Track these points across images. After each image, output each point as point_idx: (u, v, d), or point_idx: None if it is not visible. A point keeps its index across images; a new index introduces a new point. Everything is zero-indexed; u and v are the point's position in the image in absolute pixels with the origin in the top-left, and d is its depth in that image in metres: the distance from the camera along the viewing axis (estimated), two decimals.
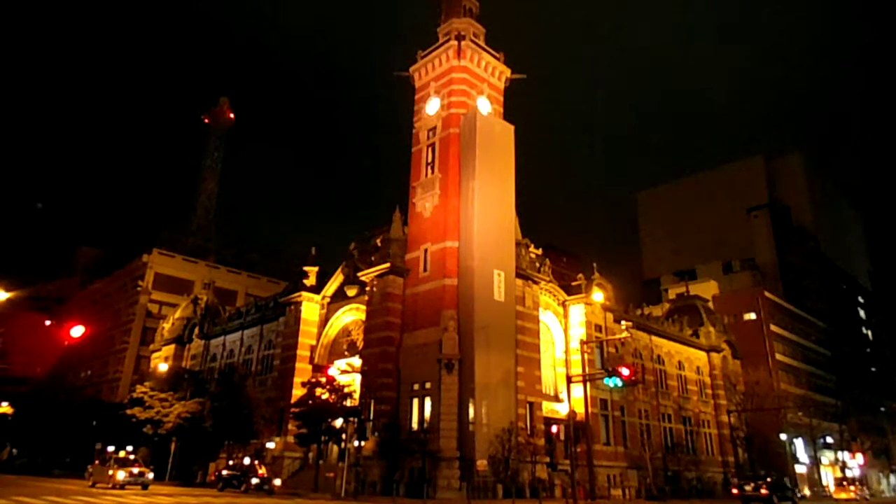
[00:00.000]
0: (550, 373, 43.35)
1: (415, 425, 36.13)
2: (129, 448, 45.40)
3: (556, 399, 42.14)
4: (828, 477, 70.54)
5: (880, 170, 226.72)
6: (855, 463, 72.15)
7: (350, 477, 32.14)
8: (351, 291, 43.72)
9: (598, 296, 43.37)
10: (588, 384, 34.96)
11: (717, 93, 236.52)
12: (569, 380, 34.48)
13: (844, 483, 58.63)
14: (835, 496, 55.07)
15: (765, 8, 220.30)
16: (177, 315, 66.15)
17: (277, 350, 49.28)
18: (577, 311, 45.14)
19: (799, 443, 63.06)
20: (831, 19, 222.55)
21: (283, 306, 48.92)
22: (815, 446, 64.83)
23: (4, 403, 56.30)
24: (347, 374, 41.28)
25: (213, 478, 41.79)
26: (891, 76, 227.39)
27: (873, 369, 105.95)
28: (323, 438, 36.07)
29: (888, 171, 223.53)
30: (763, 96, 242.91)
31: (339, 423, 34.77)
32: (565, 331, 45.13)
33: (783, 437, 56.41)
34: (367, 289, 41.33)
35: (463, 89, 42.49)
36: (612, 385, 33.05)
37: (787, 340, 79.33)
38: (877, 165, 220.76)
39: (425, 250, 39.95)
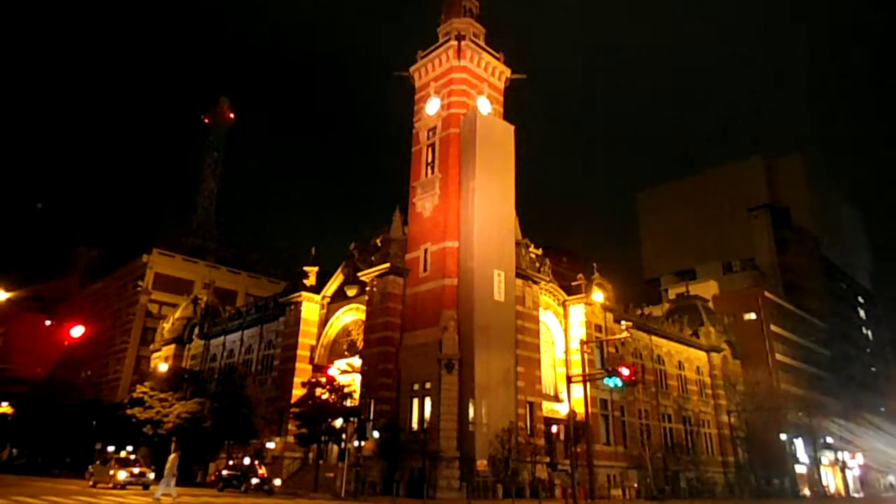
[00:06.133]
0: (550, 373, 43.33)
1: (415, 425, 36.13)
2: (129, 448, 45.47)
3: (556, 399, 42.13)
4: (828, 477, 70.49)
5: (880, 170, 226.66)
6: (855, 463, 72.10)
7: (350, 477, 32.12)
8: (351, 291, 43.72)
9: (598, 296, 43.35)
10: (588, 384, 34.93)
11: (718, 93, 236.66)
12: (569, 380, 34.46)
13: None
14: None
15: (765, 8, 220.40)
16: (177, 315, 66.14)
17: (277, 350, 49.27)
18: (577, 311, 45.12)
19: (799, 443, 62.99)
20: (832, 19, 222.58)
21: (283, 306, 48.91)
22: (815, 446, 64.79)
23: (4, 403, 56.32)
24: (347, 374, 41.27)
25: (213, 478, 41.83)
26: (891, 75, 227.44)
27: (873, 369, 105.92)
28: (323, 438, 36.07)
29: (888, 170, 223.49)
30: (763, 96, 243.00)
31: (339, 423, 34.78)
32: (565, 331, 45.11)
33: (783, 437, 56.38)
34: (367, 289, 41.32)
35: (463, 89, 42.49)
36: (612, 385, 33.01)
37: (787, 340, 79.26)
38: (877, 165, 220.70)
39: (425, 250, 39.94)
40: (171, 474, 24.05)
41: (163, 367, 54.28)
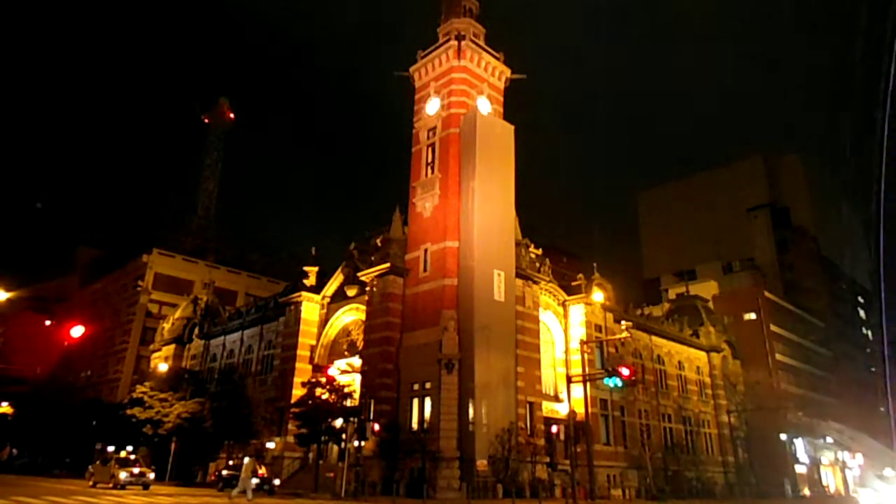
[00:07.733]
0: (550, 373, 43.34)
1: (415, 425, 36.14)
2: (129, 448, 45.47)
3: (556, 399, 42.14)
4: (828, 477, 70.52)
5: (880, 169, 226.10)
6: (855, 463, 72.15)
7: (350, 477, 32.16)
8: (351, 291, 43.74)
9: (598, 296, 43.33)
10: (588, 384, 34.94)
11: (717, 93, 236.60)
12: (569, 380, 34.46)
13: None
14: None
15: (765, 9, 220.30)
16: (177, 315, 66.15)
17: (277, 350, 49.28)
18: (577, 311, 45.13)
19: (799, 443, 63.04)
20: (831, 19, 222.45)
21: (283, 306, 48.92)
22: (815, 446, 64.80)
23: (4, 403, 56.29)
24: (347, 374, 41.28)
25: (213, 478, 41.87)
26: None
27: (873, 369, 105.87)
28: (323, 438, 36.08)
29: (888, 170, 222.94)
30: (763, 96, 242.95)
31: (339, 423, 34.81)
32: (565, 331, 45.12)
33: (783, 437, 56.41)
34: (367, 289, 41.33)
35: (463, 89, 42.50)
36: (612, 385, 32.96)
37: (787, 340, 79.24)
38: (876, 165, 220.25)
39: (425, 250, 39.95)
40: (248, 477, 25.39)
41: (163, 367, 54.27)
